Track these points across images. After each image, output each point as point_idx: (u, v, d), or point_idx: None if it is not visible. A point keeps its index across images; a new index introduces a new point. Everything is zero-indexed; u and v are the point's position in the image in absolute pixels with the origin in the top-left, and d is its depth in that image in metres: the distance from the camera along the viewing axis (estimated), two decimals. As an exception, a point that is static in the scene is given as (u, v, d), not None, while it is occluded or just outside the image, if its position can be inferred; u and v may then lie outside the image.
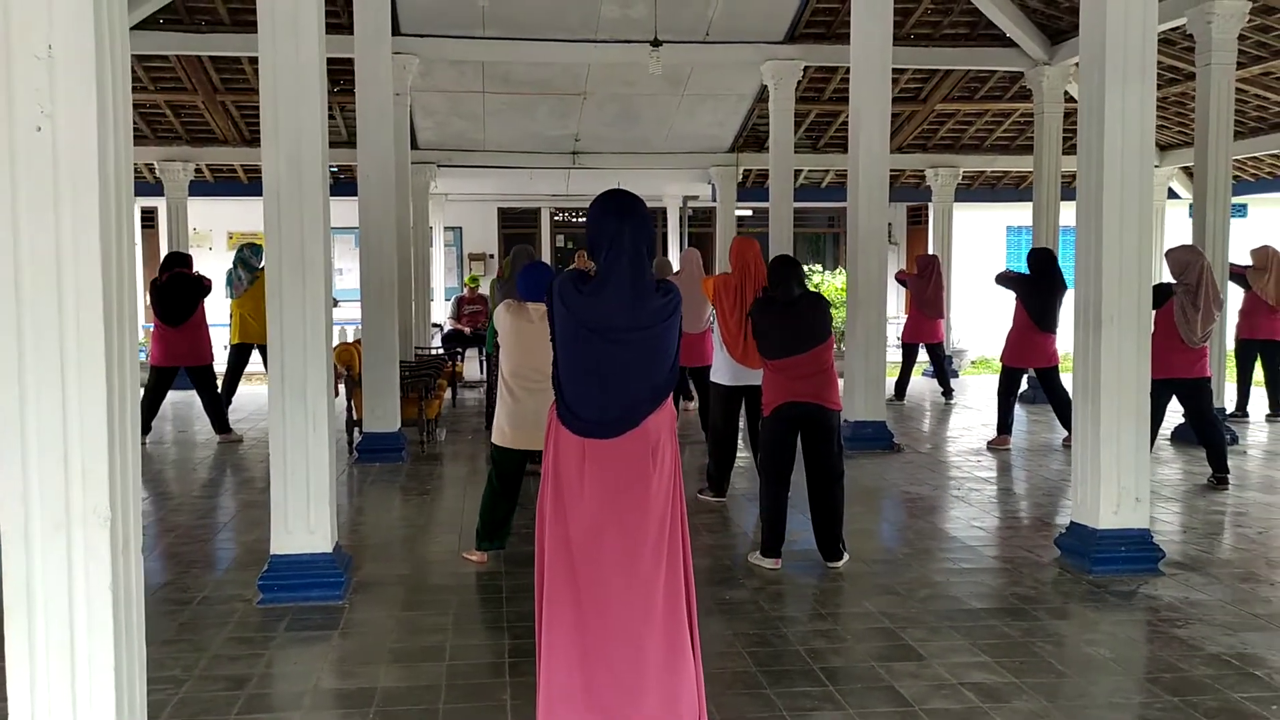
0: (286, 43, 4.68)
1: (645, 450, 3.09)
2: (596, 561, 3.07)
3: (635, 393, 3.08)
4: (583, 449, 3.07)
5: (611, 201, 3.17)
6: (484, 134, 14.05)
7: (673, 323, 3.14)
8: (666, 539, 3.14)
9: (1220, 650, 4.21)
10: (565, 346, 3.11)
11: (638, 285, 3.08)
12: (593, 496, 3.06)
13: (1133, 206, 5.23)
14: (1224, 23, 8.94)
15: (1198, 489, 7.27)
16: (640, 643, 3.09)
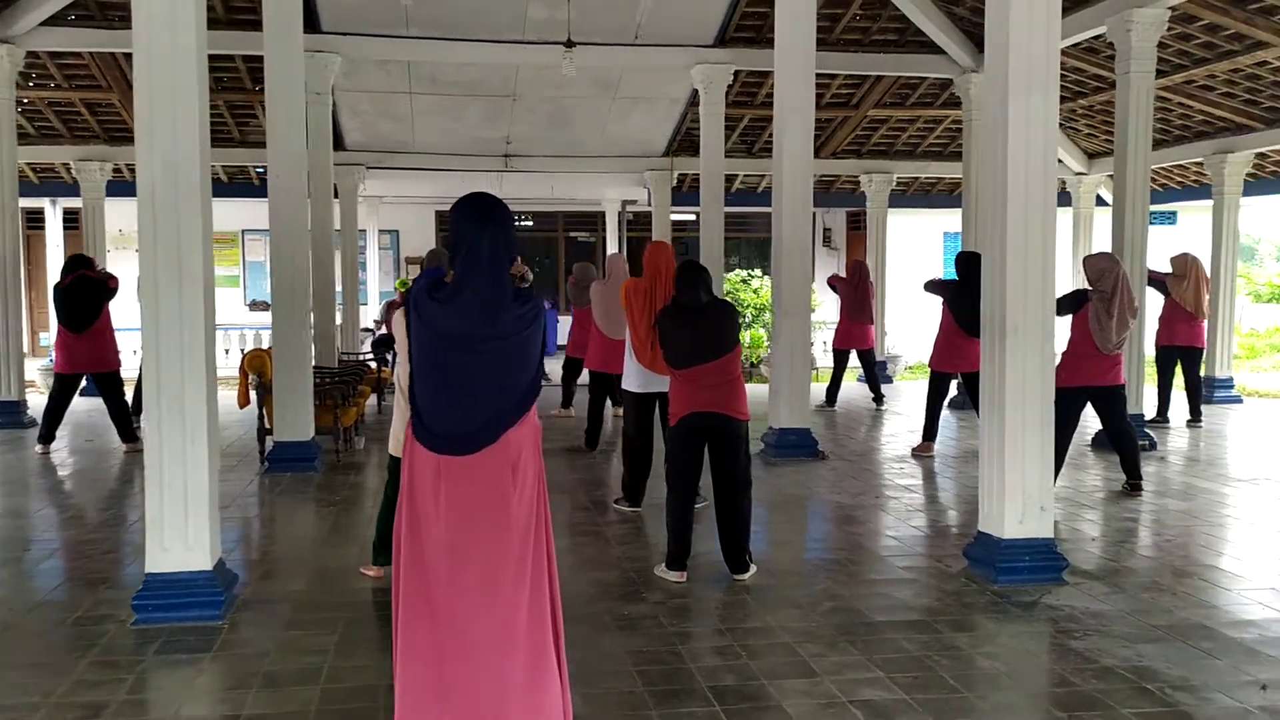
0: (162, 35, 4.50)
1: (505, 466, 2.95)
2: (454, 586, 2.92)
3: (494, 406, 2.94)
4: (438, 466, 2.93)
5: (469, 206, 3.03)
6: (413, 135, 13.83)
7: (534, 333, 3.00)
8: (530, 559, 3.01)
9: (1115, 663, 4.17)
10: (420, 357, 2.97)
11: (495, 293, 2.94)
12: (449, 517, 2.92)
13: (1036, 216, 5.20)
14: (1143, 31, 9.00)
15: (1113, 496, 7.29)
16: (502, 670, 2.96)
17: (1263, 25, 9.44)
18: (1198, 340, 10.57)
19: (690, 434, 5.32)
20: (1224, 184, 12.59)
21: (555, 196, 17.80)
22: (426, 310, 2.94)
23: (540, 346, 3.06)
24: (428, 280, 3.05)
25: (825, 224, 22.73)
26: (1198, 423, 10.56)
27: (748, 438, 5.40)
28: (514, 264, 5.93)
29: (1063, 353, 7.18)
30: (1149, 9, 8.89)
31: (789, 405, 8.74)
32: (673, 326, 5.36)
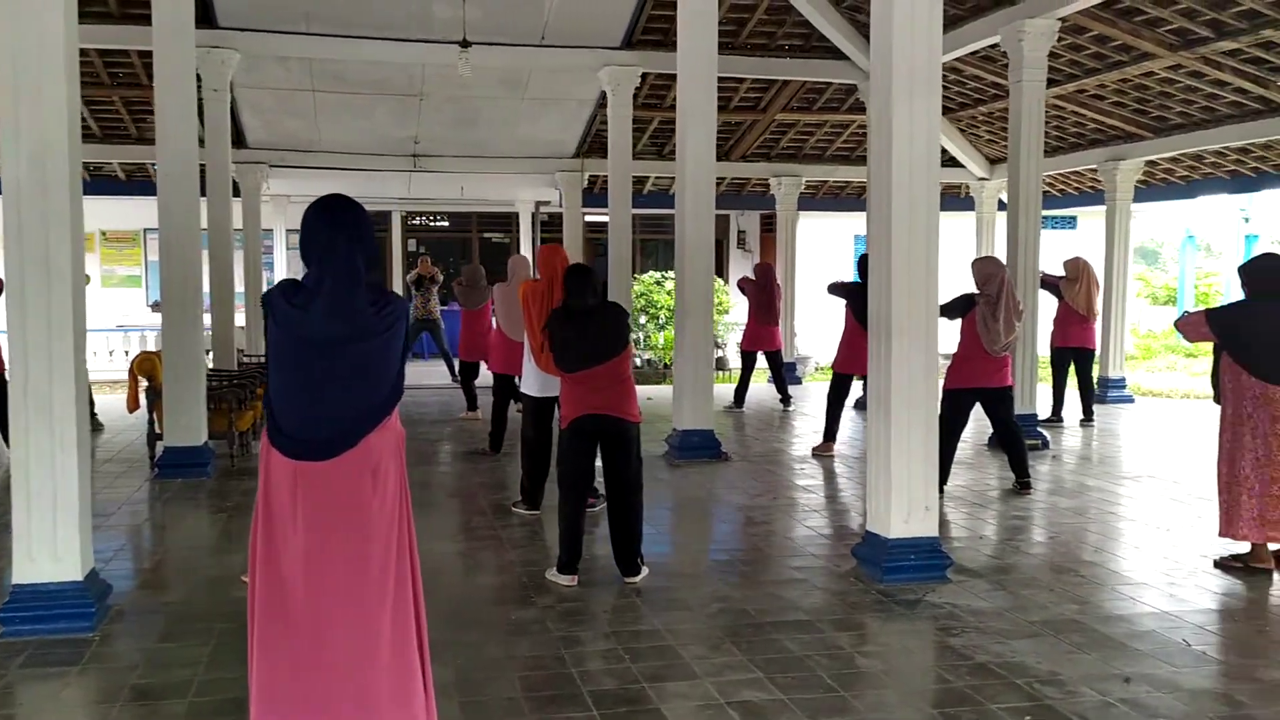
0: (28, 24, 4.34)
1: (364, 472, 2.90)
2: (312, 597, 2.87)
3: (352, 410, 2.89)
4: (294, 473, 2.87)
5: (324, 209, 2.98)
6: (318, 134, 13.59)
7: (393, 336, 2.96)
8: (392, 568, 2.97)
9: (989, 659, 4.26)
10: (276, 361, 2.91)
11: (351, 296, 2.90)
12: (307, 526, 2.86)
13: (920, 220, 5.29)
14: (1034, 41, 9.24)
15: (1004, 495, 7.46)
16: (364, 683, 2.91)
17: (1148, 37, 9.76)
18: (1089, 341, 10.89)
19: (581, 437, 5.31)
20: (1116, 190, 12.99)
21: (467, 197, 17.64)
22: (282, 314, 2.88)
23: (402, 349, 3.01)
24: (283, 283, 2.99)
25: (740, 226, 22.92)
26: (1090, 422, 10.87)
27: (639, 439, 5.41)
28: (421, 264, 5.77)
29: (952, 355, 7.35)
30: (1040, 20, 9.13)
31: (692, 406, 8.79)
32: (561, 330, 5.34)
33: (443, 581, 5.36)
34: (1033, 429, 9.38)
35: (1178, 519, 6.71)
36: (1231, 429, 5.47)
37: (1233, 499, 5.46)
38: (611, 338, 5.30)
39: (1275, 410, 5.30)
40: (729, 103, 13.51)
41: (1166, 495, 7.45)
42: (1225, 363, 5.55)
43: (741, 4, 11.09)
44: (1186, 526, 6.49)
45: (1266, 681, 4.06)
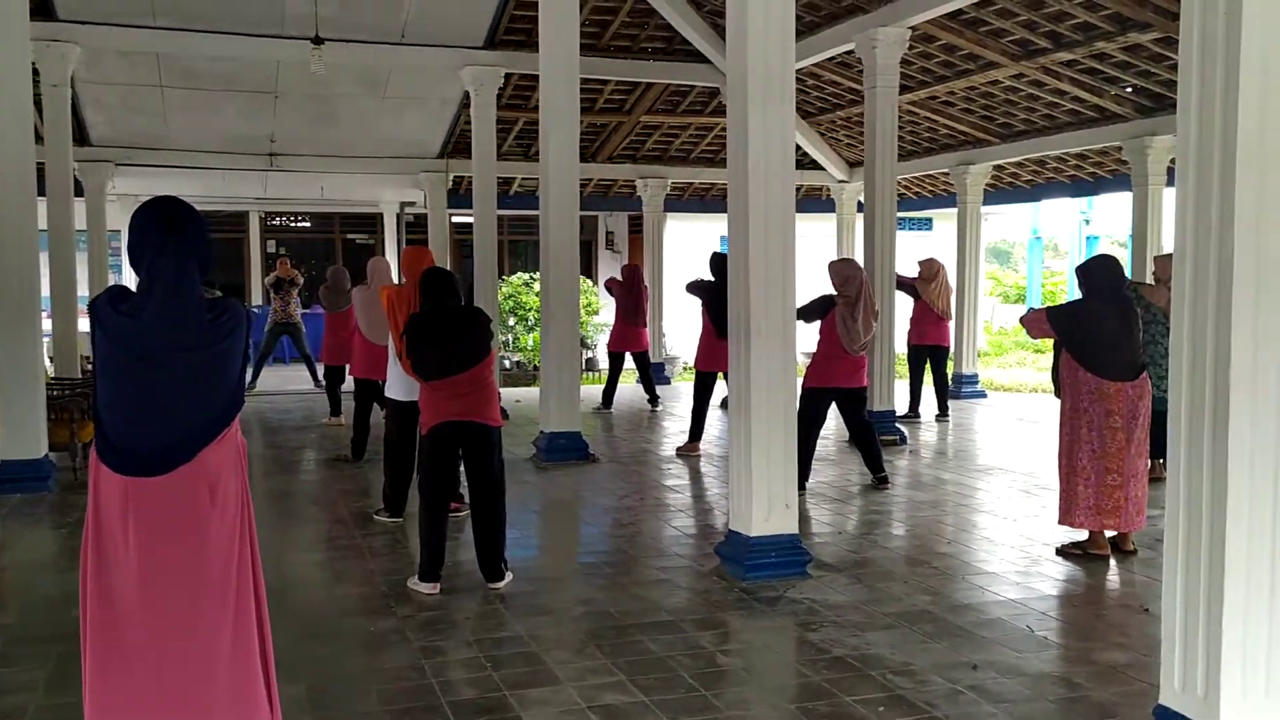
0: None
1: (201, 488, 2.79)
2: (148, 621, 2.74)
3: (186, 423, 2.77)
4: (125, 490, 2.73)
5: (154, 211, 2.85)
6: (167, 131, 13.05)
7: (230, 345, 2.85)
8: (233, 585, 2.86)
9: (845, 652, 4.36)
10: (104, 372, 2.77)
11: (183, 303, 2.77)
12: (139, 545, 2.73)
13: (776, 222, 5.38)
14: (887, 48, 9.54)
15: (863, 490, 7.65)
16: (204, 707, 2.79)
17: (993, 47, 10.17)
18: (945, 339, 11.28)
19: (442, 443, 5.23)
20: (966, 193, 13.51)
21: (329, 198, 17.21)
22: (110, 323, 2.75)
23: (240, 358, 2.90)
24: (111, 290, 2.85)
25: (608, 227, 23.00)
26: (945, 417, 11.26)
27: (500, 444, 5.36)
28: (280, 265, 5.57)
29: (811, 355, 7.52)
30: (891, 28, 9.42)
31: (558, 408, 8.77)
32: (420, 337, 5.24)
33: (299, 595, 5.22)
34: (891, 425, 9.68)
35: (1025, 510, 7.01)
36: (1069, 422, 5.74)
37: (1070, 489, 5.73)
38: (472, 345, 5.23)
39: (1109, 405, 5.57)
40: (594, 104, 13.53)
41: (1016, 487, 7.77)
42: (1064, 359, 5.81)
43: (605, 6, 11.13)
44: (1033, 517, 6.78)
45: (1102, 663, 4.27)
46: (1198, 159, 3.05)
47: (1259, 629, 3.02)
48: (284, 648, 4.36)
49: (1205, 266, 3.03)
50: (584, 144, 14.83)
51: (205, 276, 2.87)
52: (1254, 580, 3.00)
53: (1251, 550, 3.00)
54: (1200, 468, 3.05)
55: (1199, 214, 3.06)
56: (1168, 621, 3.24)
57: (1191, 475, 3.09)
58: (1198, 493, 3.06)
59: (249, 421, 11.11)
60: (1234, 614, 2.98)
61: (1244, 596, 3.00)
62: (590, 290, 17.59)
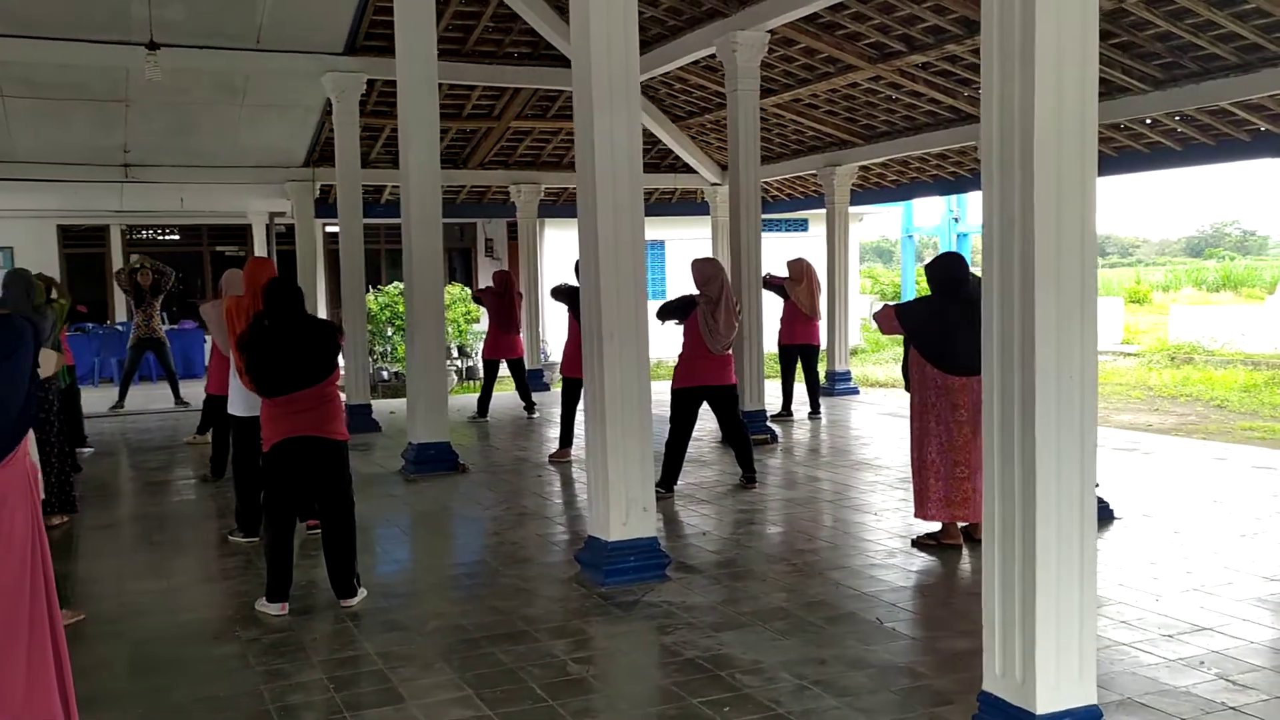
0: None
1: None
2: None
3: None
4: None
5: None
6: (10, 142, 12.43)
7: (13, 366, 2.70)
8: (26, 616, 2.70)
9: (697, 654, 4.36)
10: None
11: None
12: None
13: (626, 226, 5.38)
14: (747, 51, 9.64)
15: (731, 490, 7.70)
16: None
17: (850, 50, 10.38)
18: (815, 339, 11.45)
19: (285, 460, 5.07)
20: (835, 193, 13.77)
21: (194, 209, 16.65)
22: None
23: (26, 377, 2.75)
24: None
25: (487, 234, 22.80)
26: (817, 415, 11.44)
27: (347, 458, 5.23)
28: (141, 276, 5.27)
29: (678, 356, 7.55)
30: (750, 32, 9.53)
31: (426, 419, 8.63)
32: (260, 351, 5.07)
33: (138, 623, 5.00)
34: (761, 425, 9.79)
35: (889, 504, 7.14)
36: (919, 417, 5.86)
37: (923, 482, 5.85)
38: (317, 360, 5.09)
39: (955, 399, 5.71)
40: (462, 110, 13.36)
41: (883, 481, 7.92)
42: (912, 355, 5.94)
43: (467, 10, 11.00)
44: (894, 510, 6.92)
45: (945, 652, 4.37)
46: (1000, 154, 3.13)
47: (1070, 615, 3.11)
48: (113, 681, 4.22)
49: (1010, 259, 3.11)
50: (454, 150, 14.71)
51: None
52: (1064, 567, 3.09)
53: (1061, 537, 3.09)
54: (1011, 459, 3.13)
55: (1003, 206, 3.14)
56: (987, 610, 3.32)
57: (1004, 466, 3.16)
58: (1010, 483, 3.13)
59: (111, 443, 10.65)
60: (1046, 601, 3.07)
61: (1055, 583, 3.08)
62: (466, 299, 17.42)
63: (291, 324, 5.08)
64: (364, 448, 10.10)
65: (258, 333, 5.13)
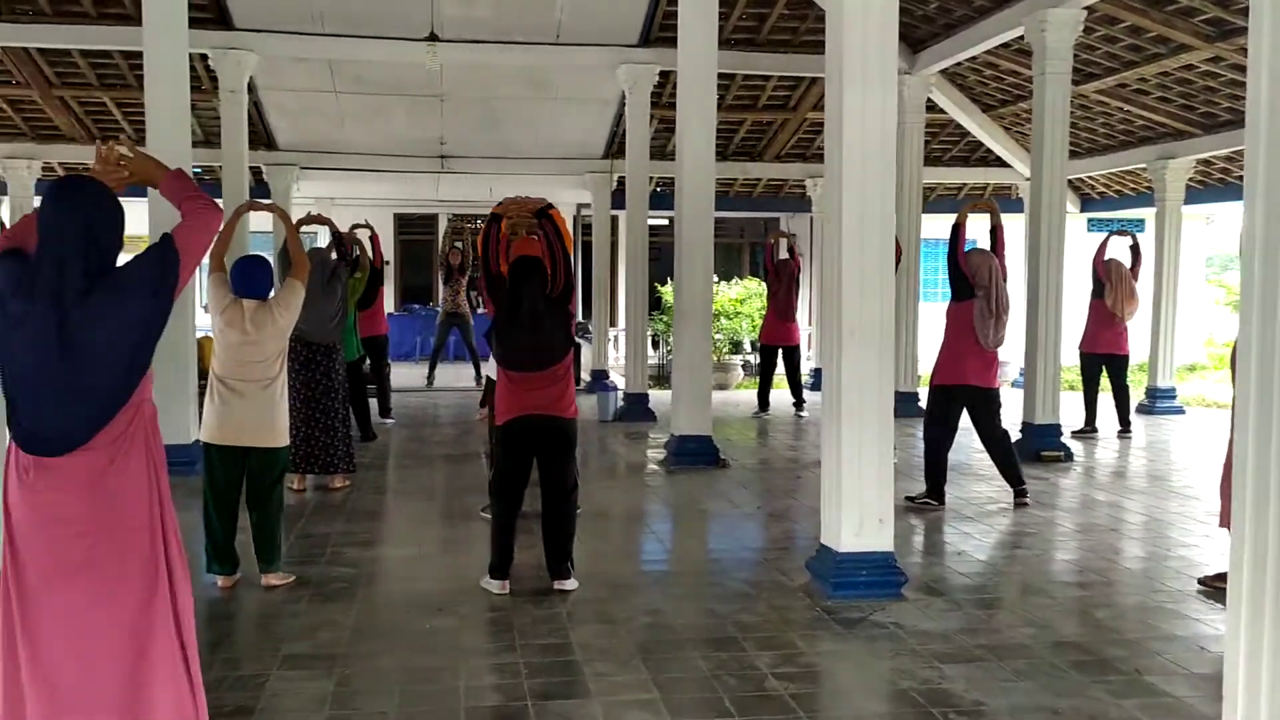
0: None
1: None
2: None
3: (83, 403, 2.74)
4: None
5: (50, 188, 2.82)
6: (343, 135, 13.62)
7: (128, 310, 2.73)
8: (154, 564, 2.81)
9: (913, 685, 3.95)
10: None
11: (63, 284, 2.66)
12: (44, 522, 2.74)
13: (874, 216, 4.99)
14: (1058, 31, 8.78)
15: (1003, 509, 7.02)
16: (113, 687, 2.74)
17: (1183, 27, 9.22)
18: (1122, 347, 10.34)
19: (517, 436, 5.11)
20: (1165, 190, 12.38)
21: (497, 199, 17.56)
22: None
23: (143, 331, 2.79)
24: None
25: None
26: (1127, 433, 10.31)
27: (575, 437, 5.20)
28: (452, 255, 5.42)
29: (939, 350, 6.99)
30: (1062, 10, 8.67)
31: (689, 412, 8.54)
32: (505, 322, 5.12)
33: (375, 589, 5.23)
34: (1054, 440, 8.92)
35: (1186, 538, 6.25)
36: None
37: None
38: (555, 344, 5.09)
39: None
40: (757, 101, 13.19)
41: (1186, 513, 6.94)
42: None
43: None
44: (1192, 545, 6.04)
45: (1198, 714, 3.68)
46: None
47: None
48: (332, 641, 4.38)
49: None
50: (750, 143, 14.58)
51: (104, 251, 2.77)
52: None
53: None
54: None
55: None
56: (1230, 668, 2.72)
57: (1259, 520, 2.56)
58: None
59: (412, 416, 11.35)
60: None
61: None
62: (762, 294, 17.15)
63: (533, 304, 5.07)
64: (635, 436, 10.20)
65: (508, 306, 5.13)
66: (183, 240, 2.80)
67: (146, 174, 2.95)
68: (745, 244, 20.91)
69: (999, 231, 7.20)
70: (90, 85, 12.11)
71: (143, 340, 2.73)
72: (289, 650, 4.25)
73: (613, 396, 11.43)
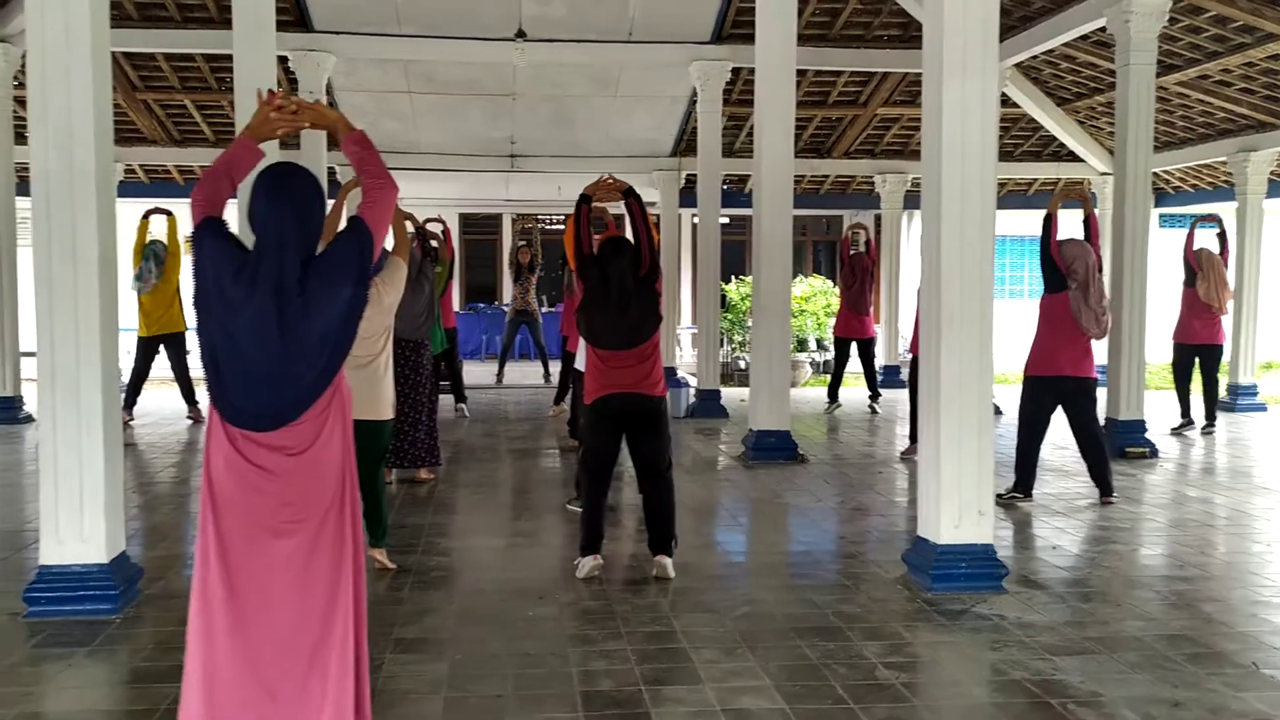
0: (55, 20, 4.43)
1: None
2: None
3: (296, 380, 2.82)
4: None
5: (263, 178, 2.86)
6: (417, 136, 13.79)
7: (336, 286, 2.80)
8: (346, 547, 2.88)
9: (1025, 676, 3.91)
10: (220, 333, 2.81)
11: (283, 275, 2.75)
12: (247, 489, 2.82)
13: (974, 204, 4.95)
14: (1142, 21, 8.62)
15: (1092, 505, 6.91)
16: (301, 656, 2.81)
17: (1271, 16, 9.02)
18: (1217, 337, 10.12)
19: (605, 414, 5.16)
20: (1247, 184, 12.10)
21: (567, 197, 17.66)
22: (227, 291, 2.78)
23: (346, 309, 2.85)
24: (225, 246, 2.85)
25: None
26: (1212, 429, 10.11)
27: (666, 415, 5.27)
28: (522, 254, 5.44)
29: (1033, 341, 6.91)
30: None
31: (768, 407, 8.52)
32: (592, 300, 5.18)
33: (471, 577, 5.29)
34: (1140, 437, 8.76)
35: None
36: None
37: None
38: (643, 323, 5.13)
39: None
40: (827, 97, 13.14)
41: (1277, 508, 6.82)
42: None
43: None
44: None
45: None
46: None
47: None
48: (439, 626, 4.45)
49: None
50: (818, 139, 14.53)
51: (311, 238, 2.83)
52: None
53: None
54: None
55: None
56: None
57: None
58: None
59: (484, 413, 11.45)
60: None
61: None
62: (828, 291, 17.05)
63: (622, 282, 5.11)
64: (709, 432, 10.20)
65: (598, 277, 5.18)
66: (372, 222, 2.86)
67: (329, 125, 3.01)
68: (809, 242, 20.80)
69: (1093, 220, 7.11)
70: (173, 89, 12.40)
71: (349, 323, 2.80)
72: (400, 634, 4.32)
73: (684, 393, 11.43)
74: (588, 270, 5.19)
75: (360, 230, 2.83)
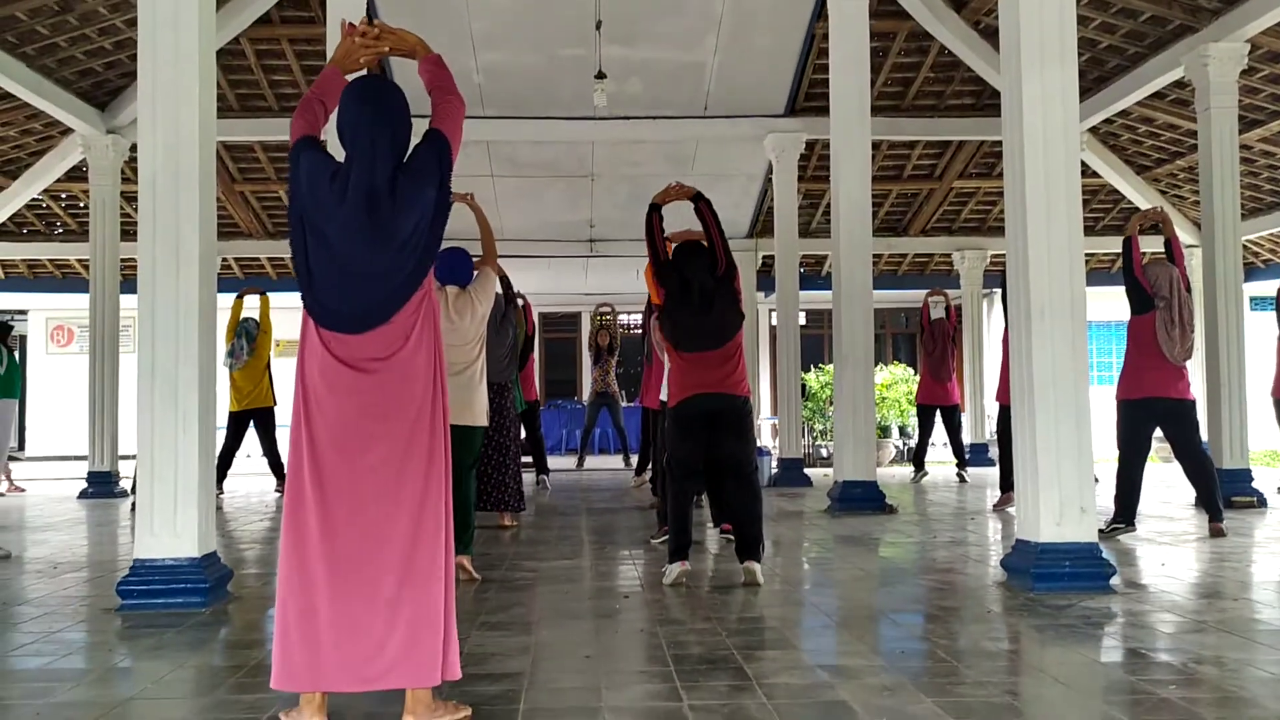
0: (165, 25, 4.71)
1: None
2: None
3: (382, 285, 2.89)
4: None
5: (353, 88, 2.99)
6: (501, 221, 14.14)
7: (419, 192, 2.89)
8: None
9: (1144, 649, 3.69)
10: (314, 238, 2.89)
11: (375, 181, 2.84)
12: (341, 393, 2.87)
13: (1059, 193, 4.92)
14: (1221, 65, 8.59)
15: (1199, 538, 6.57)
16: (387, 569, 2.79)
17: (1355, 55, 8.94)
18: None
19: (689, 416, 5.12)
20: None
21: (642, 287, 17.85)
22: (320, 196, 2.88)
23: (429, 213, 2.92)
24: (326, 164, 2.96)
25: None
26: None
27: (750, 417, 5.21)
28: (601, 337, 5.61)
29: (1122, 365, 6.74)
30: (1225, 43, 8.52)
31: (854, 457, 8.37)
32: (674, 302, 5.23)
33: (556, 584, 5.21)
34: (1247, 486, 8.39)
35: None
36: None
37: None
38: (724, 323, 5.15)
39: None
40: (901, 171, 13.24)
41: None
42: None
43: (906, 63, 10.92)
44: None
45: None
46: None
47: None
48: (528, 615, 4.41)
49: None
50: (894, 216, 14.56)
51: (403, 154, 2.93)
52: None
53: None
54: None
55: None
56: None
57: None
58: None
59: (566, 488, 11.39)
60: None
61: None
62: (908, 379, 16.78)
63: (701, 282, 5.14)
64: (793, 497, 10.02)
65: (677, 283, 5.22)
66: (447, 130, 3.00)
67: (409, 48, 3.14)
68: (888, 334, 20.66)
69: (1175, 242, 6.98)
70: (269, 179, 12.97)
71: (434, 225, 2.90)
72: (486, 619, 4.26)
73: (766, 461, 11.28)
74: (667, 276, 5.25)
75: (437, 139, 2.97)
